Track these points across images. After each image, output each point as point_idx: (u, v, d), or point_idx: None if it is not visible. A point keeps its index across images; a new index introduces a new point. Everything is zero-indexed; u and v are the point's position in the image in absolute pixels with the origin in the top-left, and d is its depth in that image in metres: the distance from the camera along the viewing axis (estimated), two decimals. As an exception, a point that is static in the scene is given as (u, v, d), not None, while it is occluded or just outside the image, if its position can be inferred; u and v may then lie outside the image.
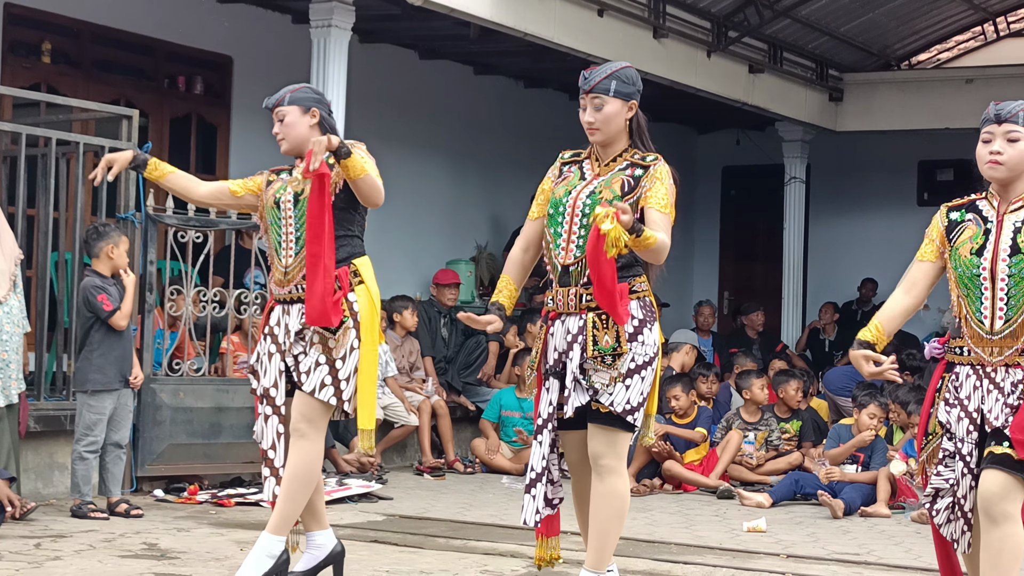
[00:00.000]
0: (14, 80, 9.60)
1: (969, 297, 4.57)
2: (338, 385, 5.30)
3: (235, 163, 11.35)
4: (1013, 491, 4.44)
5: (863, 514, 8.50)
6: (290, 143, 5.43)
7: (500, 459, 10.20)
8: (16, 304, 7.34)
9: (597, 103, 5.00)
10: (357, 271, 5.36)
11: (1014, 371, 4.51)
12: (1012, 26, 15.45)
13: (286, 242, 5.42)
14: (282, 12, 11.35)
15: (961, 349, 4.62)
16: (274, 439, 5.40)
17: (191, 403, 8.46)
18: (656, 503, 8.87)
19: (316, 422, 5.30)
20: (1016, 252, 4.49)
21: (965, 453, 4.56)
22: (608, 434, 4.87)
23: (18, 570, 5.74)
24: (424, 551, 6.67)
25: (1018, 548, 4.44)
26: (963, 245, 4.60)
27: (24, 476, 7.63)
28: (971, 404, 4.57)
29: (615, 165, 5.03)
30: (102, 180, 5.55)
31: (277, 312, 5.45)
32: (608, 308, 4.79)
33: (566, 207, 5.00)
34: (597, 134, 5.02)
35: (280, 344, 5.41)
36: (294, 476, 5.28)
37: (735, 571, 6.39)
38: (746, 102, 13.09)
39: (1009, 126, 4.54)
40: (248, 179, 5.69)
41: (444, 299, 11.26)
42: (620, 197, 4.91)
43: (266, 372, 5.44)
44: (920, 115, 14.21)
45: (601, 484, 4.85)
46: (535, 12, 10.31)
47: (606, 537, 4.89)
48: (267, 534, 5.33)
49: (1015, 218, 4.54)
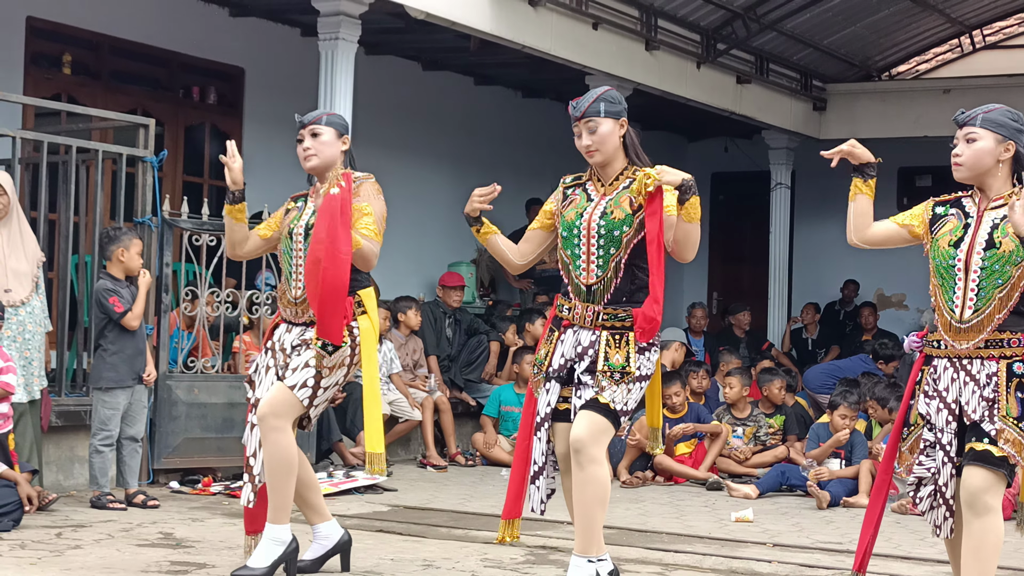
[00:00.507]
0: (36, 91, 9.61)
1: (943, 287, 4.61)
2: (316, 392, 5.30)
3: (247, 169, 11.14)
4: (994, 486, 4.48)
5: (845, 504, 8.51)
6: (320, 160, 5.45)
7: (499, 452, 10.20)
8: (38, 304, 7.35)
9: (591, 126, 5.02)
10: (361, 301, 5.39)
11: (989, 364, 4.54)
12: (987, 39, 15.47)
13: (296, 272, 5.42)
14: (292, 25, 11.36)
15: (938, 343, 4.64)
16: (256, 447, 5.40)
17: (205, 399, 8.46)
18: (648, 494, 8.87)
19: (284, 417, 5.28)
20: (991, 247, 4.53)
21: (945, 443, 4.59)
22: (595, 422, 4.86)
23: (40, 558, 5.74)
24: (427, 540, 6.67)
25: (998, 539, 4.48)
26: (943, 237, 4.65)
27: (46, 469, 7.64)
28: (949, 395, 4.59)
29: (619, 184, 5.05)
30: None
31: (280, 330, 5.47)
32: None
33: (581, 229, 5.02)
34: (597, 155, 5.04)
35: (277, 360, 5.41)
36: (273, 468, 5.28)
37: (724, 559, 6.40)
38: (734, 111, 13.10)
39: (967, 128, 4.60)
40: (271, 217, 5.71)
41: (449, 300, 11.26)
42: (631, 214, 4.95)
43: (261, 383, 5.45)
44: (900, 124, 14.22)
45: (582, 472, 4.86)
46: (533, 25, 10.32)
47: (591, 522, 4.90)
48: (270, 525, 5.36)
49: (994, 215, 4.59)
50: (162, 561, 5.77)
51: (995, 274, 4.52)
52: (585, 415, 4.88)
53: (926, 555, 6.54)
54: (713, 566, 6.22)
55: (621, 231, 4.96)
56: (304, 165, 5.49)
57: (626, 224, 4.96)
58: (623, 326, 4.96)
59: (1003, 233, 4.53)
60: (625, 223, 4.96)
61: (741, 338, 13.51)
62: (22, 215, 7.42)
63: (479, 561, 6.04)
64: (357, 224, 5.31)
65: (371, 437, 5.37)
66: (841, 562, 6.39)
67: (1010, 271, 4.52)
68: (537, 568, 5.93)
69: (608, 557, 5.05)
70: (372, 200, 5.38)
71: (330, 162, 5.46)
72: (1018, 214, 4.41)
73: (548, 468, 5.08)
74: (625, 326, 4.96)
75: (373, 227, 5.34)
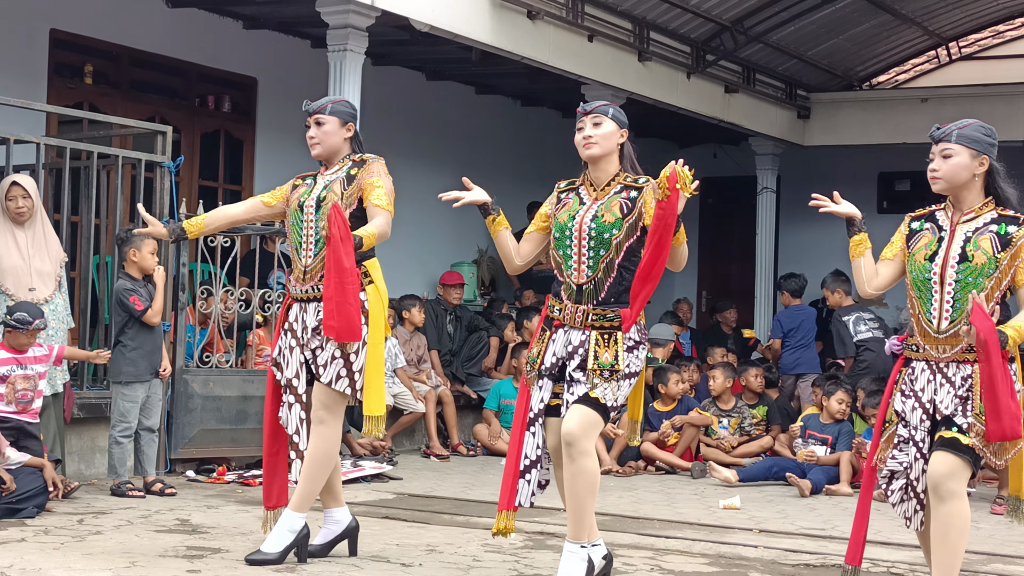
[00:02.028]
0: (59, 99, 9.61)
1: (921, 299, 4.60)
2: (352, 376, 5.32)
3: (259, 174, 11.34)
4: (959, 471, 4.48)
5: (828, 492, 8.51)
6: (324, 148, 5.47)
7: (500, 443, 10.19)
8: (61, 302, 7.34)
9: (597, 121, 5.02)
10: (368, 272, 5.38)
11: (963, 367, 4.54)
12: (963, 50, 15.47)
13: (306, 243, 5.43)
14: (302, 37, 11.35)
15: (916, 346, 4.64)
16: (298, 425, 5.42)
17: (220, 392, 8.46)
18: (640, 483, 8.87)
19: (333, 410, 5.33)
20: (964, 260, 4.53)
21: (918, 439, 4.59)
22: (586, 416, 4.84)
23: (63, 543, 5.74)
24: (431, 526, 6.67)
25: (964, 523, 4.48)
26: (919, 251, 4.65)
27: (68, 459, 7.64)
28: (925, 395, 4.60)
29: (610, 189, 5.03)
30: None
31: (295, 309, 5.46)
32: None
33: (572, 231, 5.01)
34: (594, 148, 5.01)
35: (299, 339, 5.41)
36: (314, 459, 5.30)
37: (712, 544, 6.40)
38: (722, 119, 13.09)
39: (944, 144, 4.60)
40: (277, 189, 5.71)
41: (450, 298, 11.25)
42: (621, 219, 4.94)
43: (288, 364, 5.45)
44: (880, 131, 14.21)
45: (573, 464, 4.84)
46: (531, 38, 10.31)
47: (582, 511, 4.90)
48: (289, 511, 5.35)
49: (967, 228, 4.58)
50: (179, 546, 5.77)
51: (969, 286, 4.51)
52: (576, 409, 4.86)
53: (904, 540, 6.54)
54: (702, 551, 6.22)
55: (611, 234, 4.94)
56: (312, 154, 5.51)
57: (615, 228, 4.94)
58: (611, 326, 4.94)
59: (975, 247, 4.53)
60: (615, 227, 4.94)
61: (728, 334, 13.50)
62: (46, 217, 7.41)
63: (480, 546, 6.04)
64: (371, 195, 5.35)
65: (370, 400, 5.34)
66: (824, 547, 6.40)
67: (983, 283, 4.51)
68: (535, 553, 5.93)
69: (602, 542, 5.05)
70: (383, 176, 5.41)
71: (334, 149, 5.48)
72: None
73: (543, 460, 5.05)
74: (614, 326, 4.93)
75: (385, 197, 5.37)
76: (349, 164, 5.46)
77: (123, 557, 5.45)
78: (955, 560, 4.48)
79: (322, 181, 5.47)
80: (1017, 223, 4.53)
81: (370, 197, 5.34)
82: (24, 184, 7.19)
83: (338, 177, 5.43)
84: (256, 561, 5.31)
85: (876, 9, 13.12)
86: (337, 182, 5.41)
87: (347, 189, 5.37)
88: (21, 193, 7.16)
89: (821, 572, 5.84)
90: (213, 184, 11.17)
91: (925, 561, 4.81)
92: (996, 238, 4.52)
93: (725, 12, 12.16)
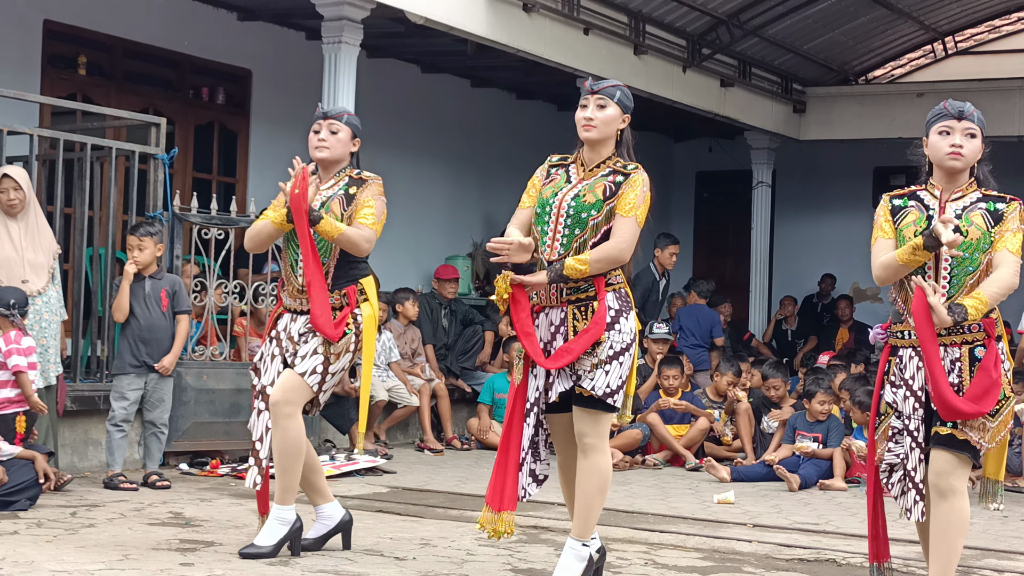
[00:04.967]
0: (52, 90, 9.58)
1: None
2: (325, 377, 5.35)
3: (253, 166, 11.33)
4: (959, 468, 4.48)
5: (822, 487, 8.52)
6: (331, 154, 5.48)
7: (493, 437, 10.18)
8: (54, 295, 7.34)
9: (601, 103, 4.91)
10: (363, 289, 5.44)
11: (952, 350, 4.52)
12: (959, 45, 15.49)
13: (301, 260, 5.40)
14: (297, 29, 11.33)
15: (903, 333, 4.62)
16: (263, 432, 5.40)
17: (213, 385, 8.45)
18: (635, 477, 8.88)
19: (295, 403, 5.30)
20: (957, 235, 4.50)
21: (912, 429, 4.57)
22: (591, 415, 4.83)
23: (56, 536, 5.74)
24: (425, 520, 6.67)
25: (964, 520, 4.49)
26: (907, 228, 4.62)
27: (61, 451, 7.63)
28: (915, 383, 4.57)
29: (599, 171, 4.94)
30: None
31: (285, 319, 5.46)
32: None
33: (552, 207, 4.94)
34: (593, 131, 4.92)
35: (283, 348, 5.41)
36: (284, 451, 5.29)
37: (706, 539, 6.41)
38: (718, 113, 13.10)
39: (968, 123, 4.58)
40: (277, 201, 5.57)
41: (445, 292, 11.25)
42: (602, 200, 4.87)
43: (266, 371, 5.45)
44: (875, 125, 14.22)
45: (585, 460, 4.83)
46: (527, 30, 10.31)
47: (590, 509, 4.88)
48: (276, 506, 5.36)
49: (956, 206, 4.59)
50: (172, 539, 5.76)
51: (966, 262, 4.51)
52: (582, 412, 4.81)
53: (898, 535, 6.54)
54: (696, 545, 6.23)
55: (589, 214, 4.85)
56: (314, 154, 5.49)
57: (595, 208, 4.84)
58: (587, 297, 4.83)
59: (967, 222, 4.53)
60: (594, 207, 4.84)
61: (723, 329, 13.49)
62: (39, 209, 7.40)
63: (474, 540, 6.04)
64: (358, 214, 5.38)
65: (359, 419, 5.51)
66: (818, 542, 6.40)
67: (979, 258, 4.52)
68: (529, 547, 5.93)
69: (598, 536, 5.05)
70: (375, 198, 5.43)
71: (339, 158, 5.49)
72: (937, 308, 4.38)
73: (541, 452, 4.98)
74: (589, 296, 4.83)
75: (372, 217, 5.38)
76: (347, 180, 5.46)
77: (116, 550, 5.44)
78: (953, 556, 4.49)
79: (319, 199, 5.44)
80: (1004, 200, 4.58)
81: (357, 216, 5.37)
82: (16, 176, 7.17)
83: (336, 195, 5.43)
84: (250, 554, 5.31)
85: (872, 3, 13.13)
86: (336, 201, 5.41)
87: (346, 210, 5.39)
88: (12, 185, 7.14)
89: (815, 567, 5.85)
90: (207, 176, 11.15)
91: (922, 555, 4.81)
92: (987, 214, 4.54)
93: (721, 6, 12.17)
